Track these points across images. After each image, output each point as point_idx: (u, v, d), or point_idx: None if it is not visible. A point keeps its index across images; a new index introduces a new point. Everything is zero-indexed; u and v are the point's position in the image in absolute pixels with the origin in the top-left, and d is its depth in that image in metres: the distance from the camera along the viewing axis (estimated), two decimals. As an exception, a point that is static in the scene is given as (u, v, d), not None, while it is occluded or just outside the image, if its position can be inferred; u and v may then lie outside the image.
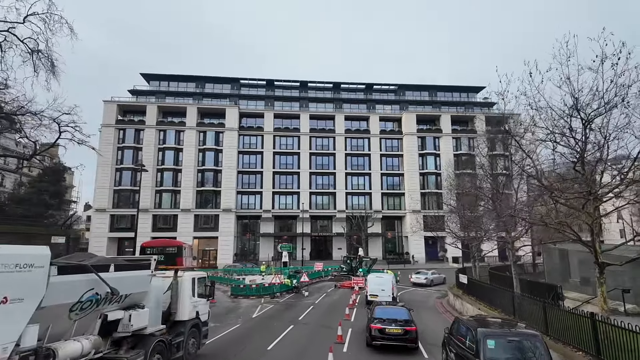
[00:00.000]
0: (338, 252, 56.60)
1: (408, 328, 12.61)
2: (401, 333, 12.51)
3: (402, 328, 12.58)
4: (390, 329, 12.55)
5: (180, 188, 54.17)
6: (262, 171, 57.01)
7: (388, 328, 12.57)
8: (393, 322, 12.83)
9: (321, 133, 59.17)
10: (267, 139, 57.81)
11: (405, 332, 12.52)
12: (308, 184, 57.23)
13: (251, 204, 56.64)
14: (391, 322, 12.83)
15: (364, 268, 35.25)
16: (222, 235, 53.11)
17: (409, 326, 12.70)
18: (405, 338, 12.52)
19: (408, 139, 58.95)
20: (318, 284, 31.12)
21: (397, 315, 13.25)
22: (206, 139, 55.96)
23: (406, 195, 58.22)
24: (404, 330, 12.53)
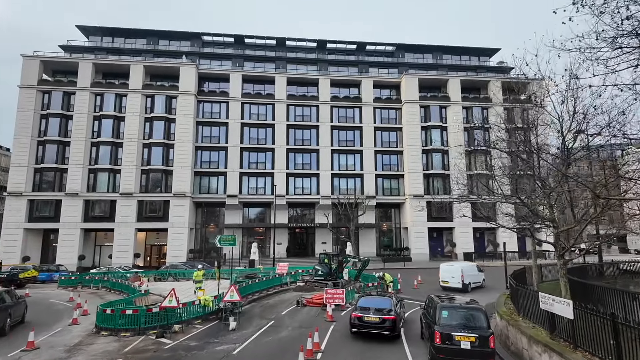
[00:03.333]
0: (322, 247, 45.55)
1: (386, 317, 12.58)
2: (378, 321, 12.56)
3: (380, 317, 12.61)
4: (369, 317, 12.69)
5: (120, 166, 42.59)
6: (226, 147, 45.56)
7: (366, 316, 12.72)
8: (373, 310, 12.87)
9: (302, 100, 47.78)
10: (233, 107, 46.32)
11: (382, 321, 12.52)
12: (285, 163, 45.95)
13: (212, 188, 45.22)
14: (371, 310, 12.88)
15: (353, 270, 24.19)
16: (173, 226, 41.74)
17: (387, 315, 12.64)
18: (382, 326, 12.50)
19: (408, 108, 47.82)
20: (274, 297, 20.08)
21: (379, 304, 13.12)
22: (154, 106, 44.30)
23: (406, 177, 47.22)
24: (381, 319, 12.55)
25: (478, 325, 9.95)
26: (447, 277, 23.80)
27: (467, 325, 9.99)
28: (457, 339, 9.60)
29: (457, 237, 45.99)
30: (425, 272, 33.47)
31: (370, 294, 15.21)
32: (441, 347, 9.69)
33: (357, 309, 13.15)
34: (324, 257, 23.96)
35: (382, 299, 13.55)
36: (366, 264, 22.53)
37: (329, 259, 23.60)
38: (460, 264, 25.17)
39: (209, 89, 47.14)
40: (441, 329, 9.90)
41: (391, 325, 12.45)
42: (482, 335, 9.61)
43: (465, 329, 9.84)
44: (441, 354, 9.70)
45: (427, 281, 26.44)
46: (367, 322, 12.62)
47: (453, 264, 25.26)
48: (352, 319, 12.88)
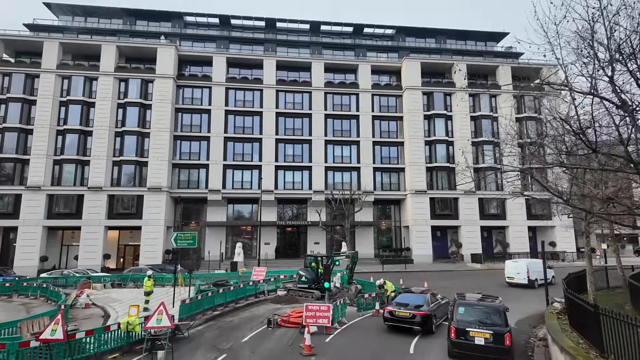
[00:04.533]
0: (315, 248, 41.23)
1: (416, 312, 12.72)
2: (409, 316, 12.74)
3: (411, 312, 12.76)
4: (399, 312, 12.94)
5: (89, 157, 38.14)
6: (208, 136, 41.14)
7: (397, 311, 12.99)
8: (405, 306, 13.11)
9: (293, 86, 43.42)
10: (216, 93, 41.90)
11: (413, 316, 12.68)
12: (273, 154, 41.59)
13: (193, 182, 40.81)
14: (404, 306, 13.13)
15: (346, 275, 19.82)
16: (147, 224, 37.31)
17: (418, 311, 12.76)
18: (412, 321, 12.65)
19: (410, 95, 43.54)
20: (243, 312, 15.55)
21: (413, 301, 13.33)
22: (128, 90, 39.85)
23: (407, 170, 42.94)
24: (412, 314, 12.71)
25: (494, 322, 9.99)
26: (513, 273, 24.15)
27: (483, 322, 10.07)
28: (471, 335, 9.74)
29: (463, 237, 41.75)
30: (430, 276, 29.15)
31: (411, 290, 15.20)
32: (456, 342, 9.93)
33: (391, 304, 13.59)
34: (311, 260, 19.65)
35: (417, 296, 13.78)
36: (355, 259, 18.10)
37: (317, 261, 19.29)
38: (525, 260, 25.24)
39: (189, 73, 42.71)
40: (456, 325, 10.11)
41: (422, 320, 12.58)
42: (497, 332, 9.64)
43: (480, 326, 9.92)
44: (456, 349, 9.94)
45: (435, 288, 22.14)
46: (398, 317, 12.95)
47: (518, 260, 25.36)
48: (385, 312, 13.39)
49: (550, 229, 43.73)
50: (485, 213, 42.54)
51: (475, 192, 42.46)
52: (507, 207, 43.05)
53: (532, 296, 19.95)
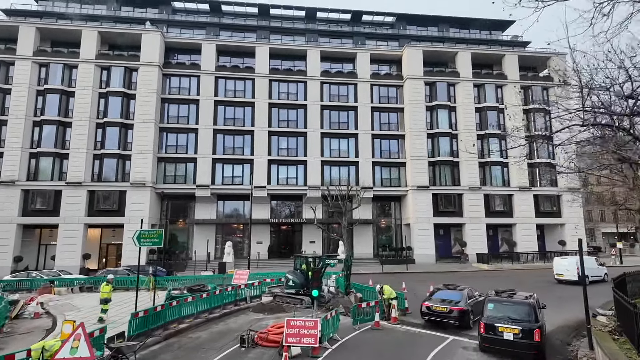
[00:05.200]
0: (311, 247, 38.82)
1: (453, 308, 12.89)
2: (446, 311, 12.94)
3: (448, 307, 12.96)
4: (436, 307, 13.14)
5: (68, 150, 35.60)
6: (196, 128, 38.59)
7: (434, 306, 13.19)
8: (442, 301, 13.25)
9: (287, 75, 40.86)
10: (205, 82, 39.33)
11: (450, 311, 12.87)
12: (266, 148, 39.06)
13: (180, 177, 38.26)
14: (441, 301, 13.27)
15: (341, 278, 17.23)
16: (130, 222, 34.76)
17: (455, 306, 12.91)
18: (449, 316, 12.85)
19: (411, 85, 41.01)
20: (216, 325, 12.79)
21: (450, 297, 13.45)
22: (111, 79, 37.26)
23: (408, 165, 40.45)
24: (449, 309, 12.91)
25: (523, 318, 10.04)
26: (562, 269, 24.08)
27: (512, 318, 10.16)
28: (500, 330, 9.90)
29: (468, 235, 39.29)
30: (434, 278, 26.66)
31: (448, 287, 14.72)
32: (485, 337, 10.19)
33: (428, 299, 13.75)
34: (300, 261, 17.18)
35: (454, 292, 13.85)
36: (349, 262, 15.42)
37: (307, 263, 16.81)
38: (575, 257, 24.81)
39: (177, 61, 40.12)
40: (485, 320, 10.33)
41: (458, 315, 12.75)
42: (527, 328, 9.71)
43: (509, 321, 10.03)
44: (485, 343, 10.22)
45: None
46: (435, 312, 13.15)
47: (567, 257, 25.08)
48: (422, 307, 13.48)
49: (560, 227, 41.37)
50: (491, 210, 40.09)
51: (481, 187, 40.02)
52: (514, 203, 40.64)
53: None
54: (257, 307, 15.12)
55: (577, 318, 13.37)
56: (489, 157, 40.71)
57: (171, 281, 22.36)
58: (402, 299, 15.04)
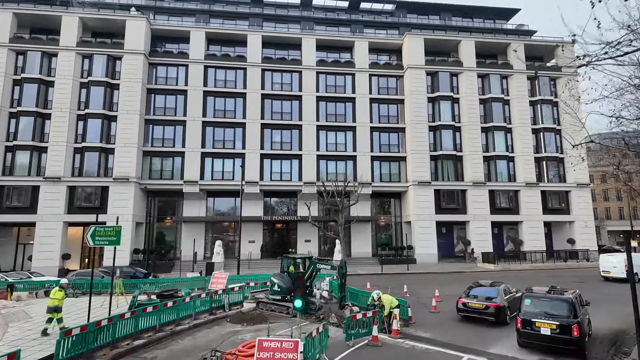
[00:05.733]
0: (306, 246, 36.74)
1: (490, 304, 13.00)
2: (482, 308, 13.07)
3: (484, 303, 13.06)
4: (472, 303, 13.32)
5: (46, 143, 33.39)
6: (184, 120, 36.40)
7: (470, 302, 13.38)
8: (478, 298, 13.41)
9: (281, 64, 38.64)
10: (194, 71, 37.12)
11: (486, 307, 12.99)
12: (259, 141, 36.89)
13: (166, 172, 36.08)
14: (476, 297, 13.45)
15: (335, 280, 14.98)
16: (113, 220, 32.51)
17: (491, 302, 13.01)
18: (485, 312, 12.97)
19: (412, 75, 38.83)
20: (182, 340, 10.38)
21: (487, 293, 13.56)
22: (93, 68, 35.02)
23: (409, 159, 38.32)
24: (485, 306, 13.02)
25: (560, 314, 10.04)
26: (609, 267, 23.71)
27: (549, 313, 10.17)
28: (537, 325, 9.98)
29: (472, 233, 37.19)
30: (438, 280, 24.57)
31: (481, 284, 14.85)
32: (522, 332, 10.24)
33: (464, 295, 13.85)
34: (288, 263, 15.05)
35: (490, 289, 13.85)
36: (344, 269, 13.13)
37: (295, 265, 14.69)
38: (623, 254, 23.53)
39: (164, 50, 37.87)
40: (522, 316, 10.37)
41: (495, 311, 12.80)
42: (564, 323, 9.76)
43: (546, 317, 10.07)
44: (523, 338, 10.28)
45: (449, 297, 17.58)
46: (471, 308, 13.30)
47: (615, 255, 24.83)
48: (458, 304, 13.64)
49: (569, 224, 39.28)
50: (496, 207, 37.97)
51: (485, 182, 37.91)
52: (520, 200, 38.54)
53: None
54: (235, 317, 13.00)
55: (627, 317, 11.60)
56: (494, 151, 38.63)
57: (148, 284, 20.24)
58: (404, 307, 12.90)
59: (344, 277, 13.35)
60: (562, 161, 40.04)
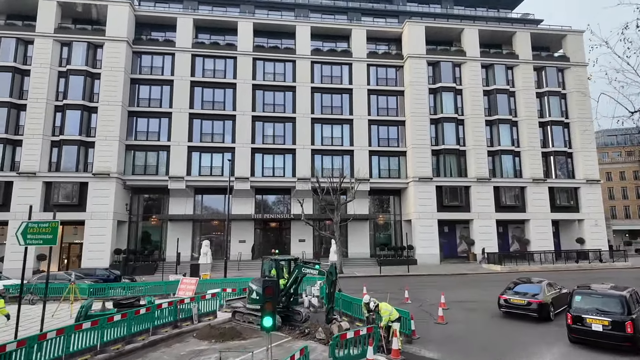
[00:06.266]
0: (300, 246, 34.58)
1: (532, 300, 12.95)
2: (524, 304, 13.03)
3: (526, 300, 13.03)
4: (514, 299, 13.31)
5: (21, 136, 31.18)
6: (170, 112, 34.20)
7: (512, 298, 13.38)
8: (520, 294, 13.43)
9: (273, 54, 36.46)
10: (181, 60, 34.93)
11: (528, 303, 12.95)
12: (249, 134, 34.73)
13: (151, 167, 33.88)
14: (519, 294, 13.46)
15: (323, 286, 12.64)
16: (92, 218, 30.41)
17: (534, 299, 12.96)
18: (528, 308, 12.92)
19: (413, 64, 36.69)
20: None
21: (530, 290, 13.55)
22: (72, 56, 32.80)
23: (409, 154, 36.19)
24: (527, 302, 12.98)
25: (613, 310, 9.93)
26: None
27: (601, 309, 10.07)
28: (588, 322, 9.94)
29: (476, 233, 35.09)
30: (442, 283, 22.44)
31: (524, 281, 14.66)
32: (572, 328, 10.21)
33: (506, 291, 13.87)
34: (269, 266, 12.89)
35: (533, 285, 13.84)
36: (334, 276, 10.84)
37: (278, 268, 12.53)
38: None
39: (149, 37, 35.63)
40: (573, 312, 10.32)
41: (537, 307, 12.74)
42: (617, 320, 9.67)
43: (598, 313, 10.00)
44: (573, 334, 10.23)
45: (456, 303, 15.44)
46: (513, 304, 13.27)
47: None
48: (500, 300, 13.63)
49: (578, 223, 37.17)
50: (502, 204, 35.86)
51: (490, 179, 35.79)
52: (526, 197, 36.44)
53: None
54: (203, 331, 10.80)
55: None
56: (499, 146, 36.51)
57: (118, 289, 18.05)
58: (407, 319, 10.71)
59: (333, 286, 11.18)
60: (571, 156, 37.97)
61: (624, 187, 64.23)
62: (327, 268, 11.41)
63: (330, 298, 11.17)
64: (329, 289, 11.20)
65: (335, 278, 11.29)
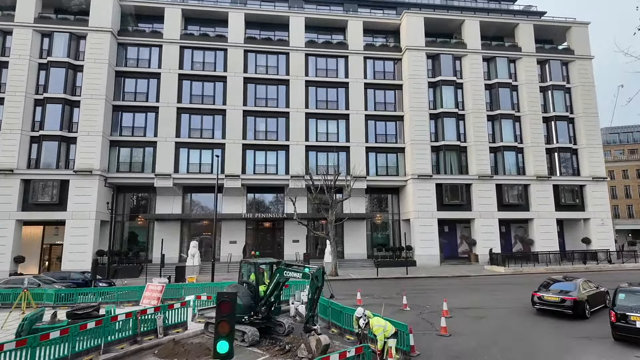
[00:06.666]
0: (294, 247, 33.00)
1: (566, 297, 12.92)
2: (558, 301, 13.04)
3: (560, 297, 13.03)
4: (548, 296, 13.39)
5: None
6: (157, 106, 32.59)
7: (546, 295, 13.47)
8: (554, 291, 13.49)
9: (265, 45, 34.87)
10: (169, 52, 33.33)
11: (562, 300, 12.94)
12: (240, 130, 33.15)
13: (137, 164, 32.25)
14: (552, 291, 13.55)
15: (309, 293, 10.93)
16: (74, 218, 28.79)
17: (568, 296, 12.94)
18: (561, 305, 12.92)
19: (411, 57, 35.15)
20: None
21: (563, 287, 13.61)
22: (53, 47, 31.16)
23: (407, 150, 34.65)
24: (561, 299, 12.97)
25: None
26: None
27: None
28: (632, 319, 9.97)
29: (477, 232, 33.58)
30: (443, 286, 20.89)
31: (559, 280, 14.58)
32: (617, 325, 10.26)
33: (539, 289, 14.01)
34: (247, 270, 11.31)
35: (568, 283, 13.83)
36: (319, 282, 9.21)
37: (257, 272, 10.94)
38: None
39: (135, 28, 34.01)
40: (617, 310, 10.34)
41: (572, 305, 12.67)
42: None
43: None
44: (617, 331, 10.27)
45: (460, 310, 13.89)
46: (546, 301, 13.34)
47: None
48: (534, 297, 13.74)
49: (584, 222, 35.68)
50: (504, 203, 34.34)
51: (492, 176, 34.28)
52: (530, 195, 34.94)
53: None
54: (165, 349, 9.21)
55: None
56: (501, 142, 35.00)
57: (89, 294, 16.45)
58: (405, 333, 9.13)
59: (317, 292, 9.66)
60: (576, 152, 36.48)
61: (627, 185, 62.86)
62: (314, 271, 9.87)
63: (312, 305, 9.63)
64: (312, 295, 9.66)
65: (321, 284, 9.74)
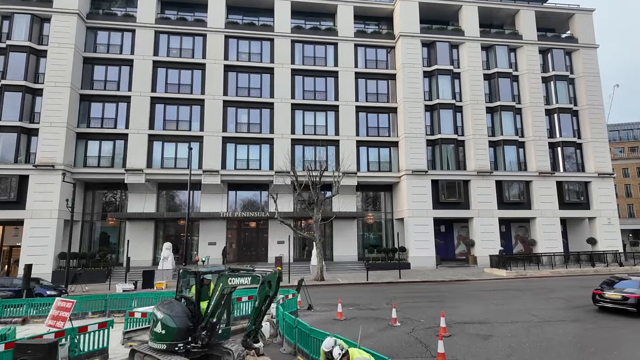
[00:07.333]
0: (279, 248, 30.40)
1: (628, 295, 12.84)
2: (620, 299, 12.96)
3: (622, 294, 12.95)
4: (609, 294, 13.30)
5: (-50, 122, 26.76)
6: (129, 96, 29.92)
7: (607, 293, 13.38)
8: (616, 289, 13.36)
9: (248, 31, 32.33)
10: (142, 37, 30.69)
11: (624, 298, 12.89)
12: (220, 122, 30.56)
13: (106, 158, 29.54)
14: (614, 289, 13.39)
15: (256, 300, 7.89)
16: (33, 217, 26.06)
17: (631, 293, 12.83)
18: (624, 303, 12.86)
19: (405, 44, 32.77)
20: None
21: (625, 285, 13.51)
22: (14, 29, 28.44)
23: (401, 145, 32.23)
24: (623, 297, 12.91)
25: None
26: None
27: None
28: None
29: (476, 232, 31.24)
30: (440, 293, 18.38)
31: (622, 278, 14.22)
32: None
33: (606, 287, 13.80)
34: (187, 282, 8.70)
35: (629, 281, 13.70)
36: (267, 290, 6.77)
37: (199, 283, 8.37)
38: None
39: (106, 11, 31.35)
40: None
41: (636, 302, 12.57)
42: None
43: None
44: None
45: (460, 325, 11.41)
46: (607, 299, 13.25)
47: None
48: (595, 295, 13.82)
49: (588, 221, 33.45)
50: (505, 201, 32.03)
51: (492, 172, 31.96)
52: (532, 192, 32.68)
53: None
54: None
55: None
56: (501, 135, 32.71)
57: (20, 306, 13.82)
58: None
59: (265, 300, 7.20)
60: (581, 147, 34.27)
61: (627, 184, 60.96)
62: (266, 275, 7.40)
63: (258, 317, 7.18)
64: (258, 304, 7.21)
65: (274, 292, 7.26)
